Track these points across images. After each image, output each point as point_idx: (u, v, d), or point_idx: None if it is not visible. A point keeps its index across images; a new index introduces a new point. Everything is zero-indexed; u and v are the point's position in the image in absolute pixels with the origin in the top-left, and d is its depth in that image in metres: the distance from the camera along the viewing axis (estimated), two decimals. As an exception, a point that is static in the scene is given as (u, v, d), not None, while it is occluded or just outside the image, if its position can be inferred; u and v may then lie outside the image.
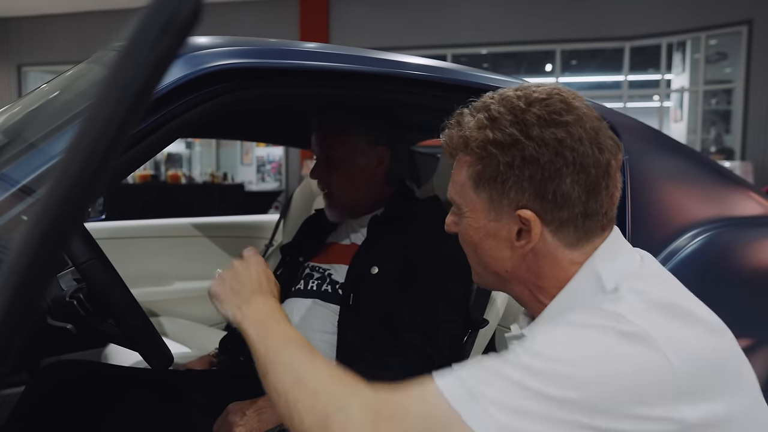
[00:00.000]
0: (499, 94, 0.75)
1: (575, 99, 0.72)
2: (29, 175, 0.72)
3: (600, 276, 0.71)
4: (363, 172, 1.36)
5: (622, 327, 0.61)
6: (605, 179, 0.71)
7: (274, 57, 0.94)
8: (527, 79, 5.00)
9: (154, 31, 0.26)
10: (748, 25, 7.92)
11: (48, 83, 1.21)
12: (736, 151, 8.20)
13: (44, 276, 0.28)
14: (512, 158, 0.70)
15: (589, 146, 0.69)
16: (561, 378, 0.58)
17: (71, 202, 0.26)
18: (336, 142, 1.35)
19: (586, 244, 0.73)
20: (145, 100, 0.27)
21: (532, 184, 0.70)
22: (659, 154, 1.37)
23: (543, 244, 0.72)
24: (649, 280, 0.70)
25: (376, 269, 1.26)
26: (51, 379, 1.24)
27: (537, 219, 0.71)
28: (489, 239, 0.75)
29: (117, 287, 0.97)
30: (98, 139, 0.26)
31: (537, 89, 0.74)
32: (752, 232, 1.50)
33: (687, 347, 0.62)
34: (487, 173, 0.72)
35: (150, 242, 2.19)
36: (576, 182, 0.69)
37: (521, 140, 0.69)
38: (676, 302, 0.67)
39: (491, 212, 0.73)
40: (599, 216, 0.72)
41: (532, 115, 0.70)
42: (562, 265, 0.73)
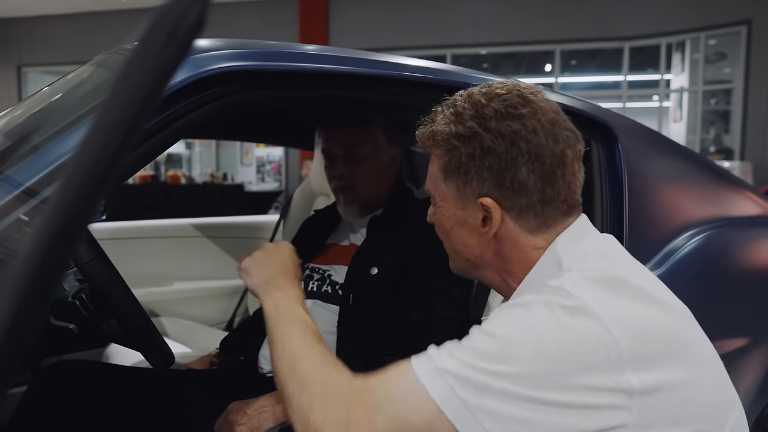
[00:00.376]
0: (467, 92, 0.80)
1: (533, 94, 0.77)
2: (33, 177, 0.72)
3: (560, 258, 0.75)
4: (383, 169, 1.37)
5: (563, 301, 0.65)
6: (560, 168, 0.75)
7: (274, 59, 0.95)
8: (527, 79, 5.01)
9: (160, 39, 0.27)
10: (747, 25, 7.93)
11: (49, 86, 1.22)
12: (736, 151, 8.20)
13: (54, 274, 0.29)
14: (473, 149, 0.75)
15: (544, 137, 0.74)
16: (505, 355, 0.63)
17: (82, 200, 0.27)
18: (360, 137, 1.34)
19: (548, 230, 0.77)
20: (152, 105, 0.28)
21: (491, 173, 0.75)
22: (656, 155, 1.38)
23: (506, 231, 0.77)
24: (601, 261, 0.74)
25: (376, 269, 1.26)
26: (53, 379, 1.25)
27: (497, 206, 0.76)
28: (458, 227, 0.81)
29: (119, 287, 0.98)
30: (108, 139, 0.27)
31: (499, 86, 0.79)
32: (749, 232, 1.51)
33: (628, 318, 0.65)
34: (452, 164, 0.78)
35: (150, 243, 2.20)
36: (531, 171, 0.74)
37: (480, 132, 0.75)
38: (619, 276, 0.70)
39: (459, 201, 0.79)
40: (558, 203, 0.76)
41: (490, 109, 0.75)
42: (526, 250, 0.78)
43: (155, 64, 0.28)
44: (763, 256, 1.51)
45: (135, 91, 0.27)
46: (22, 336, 0.30)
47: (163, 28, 0.28)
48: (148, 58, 0.28)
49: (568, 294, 0.65)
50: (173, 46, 0.28)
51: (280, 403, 1.06)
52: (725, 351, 1.29)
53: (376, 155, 1.35)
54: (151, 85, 0.27)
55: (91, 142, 0.28)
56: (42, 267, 0.28)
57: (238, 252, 2.33)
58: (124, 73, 0.28)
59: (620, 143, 1.25)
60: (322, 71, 0.98)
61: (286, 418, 1.02)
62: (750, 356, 1.37)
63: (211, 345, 1.61)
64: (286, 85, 0.95)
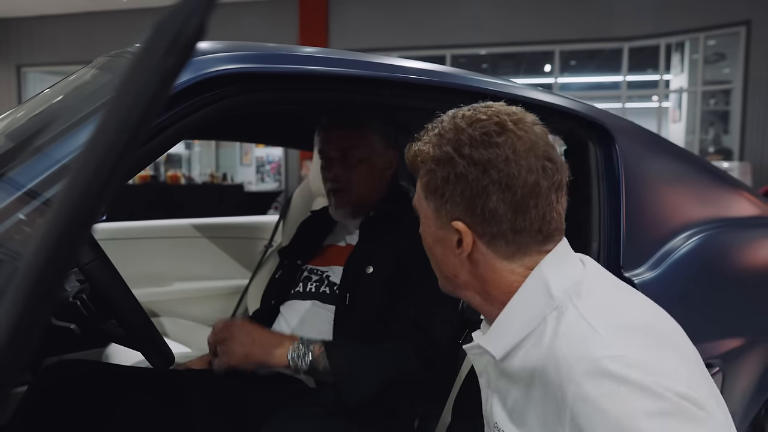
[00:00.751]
0: (454, 112, 0.81)
1: (514, 122, 0.76)
2: (35, 179, 0.73)
3: (548, 282, 0.75)
4: (378, 173, 1.38)
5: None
6: (533, 198, 0.74)
7: (274, 62, 0.95)
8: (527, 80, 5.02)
9: (163, 44, 0.28)
10: (746, 25, 7.94)
11: (51, 87, 1.23)
12: (735, 152, 8.21)
13: (61, 273, 0.30)
14: (447, 174, 0.76)
15: (516, 167, 0.74)
16: None
17: (89, 198, 0.28)
18: (356, 141, 1.35)
19: (524, 257, 0.77)
20: (156, 108, 0.29)
21: (462, 199, 0.75)
22: (653, 156, 1.38)
23: (480, 255, 0.78)
24: (593, 291, 0.75)
25: (372, 268, 1.27)
26: (53, 379, 1.25)
27: (468, 231, 0.76)
28: (438, 245, 0.81)
29: (119, 288, 0.98)
30: (114, 140, 0.28)
31: (483, 110, 0.79)
32: (746, 232, 1.52)
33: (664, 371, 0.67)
34: (431, 186, 0.79)
35: (150, 243, 2.21)
36: (502, 200, 0.74)
37: (454, 158, 0.75)
38: (639, 324, 0.72)
39: (437, 221, 0.80)
40: (531, 232, 0.76)
41: (466, 135, 0.76)
42: (503, 274, 0.78)
43: (158, 69, 0.28)
44: (760, 257, 1.52)
45: (139, 94, 0.28)
46: (27, 336, 0.31)
47: (166, 33, 0.29)
48: (151, 62, 0.29)
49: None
50: (176, 51, 0.29)
51: (279, 350, 1.16)
52: (722, 351, 1.30)
53: (372, 159, 1.36)
54: (155, 89, 0.28)
55: (97, 143, 0.28)
56: (48, 266, 0.29)
57: (238, 252, 2.35)
58: (128, 76, 0.29)
59: (617, 144, 1.25)
60: (321, 74, 0.99)
61: (274, 366, 1.16)
62: (746, 356, 1.37)
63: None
64: (285, 87, 0.96)
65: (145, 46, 0.29)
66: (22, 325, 0.31)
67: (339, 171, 1.36)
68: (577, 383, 0.68)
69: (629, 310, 0.75)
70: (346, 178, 1.36)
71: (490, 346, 0.79)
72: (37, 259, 0.30)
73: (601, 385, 0.66)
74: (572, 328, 0.71)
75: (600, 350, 0.68)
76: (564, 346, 0.70)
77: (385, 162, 1.39)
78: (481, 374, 0.87)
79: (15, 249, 0.73)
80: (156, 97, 0.29)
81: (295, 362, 1.15)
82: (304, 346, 1.15)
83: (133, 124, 0.28)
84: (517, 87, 1.26)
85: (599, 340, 0.68)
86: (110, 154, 0.29)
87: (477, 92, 1.15)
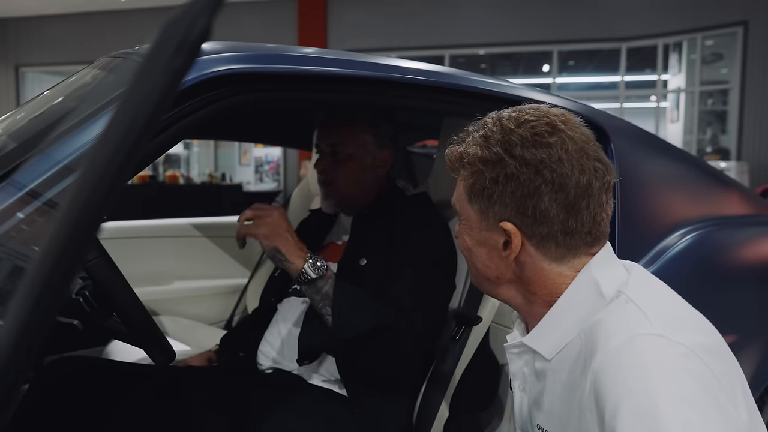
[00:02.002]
0: (498, 114, 0.80)
1: (563, 122, 0.76)
2: (38, 178, 0.74)
3: (598, 282, 0.75)
4: (367, 171, 1.39)
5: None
6: (585, 199, 0.74)
7: (274, 62, 0.96)
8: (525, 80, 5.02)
9: (169, 48, 0.30)
10: (743, 26, 7.97)
11: (51, 89, 1.24)
12: (732, 152, 8.24)
13: (72, 269, 0.31)
14: (497, 174, 0.75)
15: (569, 167, 0.73)
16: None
17: (98, 196, 0.29)
18: (346, 138, 1.38)
19: (573, 260, 0.76)
20: (162, 109, 0.30)
21: (513, 199, 0.74)
22: (648, 155, 1.40)
23: (528, 257, 0.77)
24: (643, 289, 0.75)
25: (365, 260, 1.30)
26: (55, 375, 1.26)
27: (518, 232, 0.75)
28: (481, 247, 0.80)
29: (121, 285, 1.00)
30: (124, 138, 0.30)
31: (530, 111, 0.78)
32: (740, 231, 1.53)
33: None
34: (477, 187, 0.77)
35: (150, 242, 2.22)
36: (554, 200, 0.73)
37: (505, 158, 0.74)
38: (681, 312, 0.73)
39: (482, 222, 0.79)
40: (581, 234, 0.75)
41: (517, 135, 0.75)
42: (550, 276, 0.77)
43: (166, 70, 0.30)
44: (754, 255, 1.53)
45: (148, 94, 0.29)
46: (37, 333, 0.32)
47: (174, 35, 0.30)
48: (159, 63, 0.30)
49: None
50: (183, 52, 0.30)
51: (300, 251, 1.19)
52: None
53: (360, 156, 1.38)
54: (163, 89, 0.30)
55: (106, 144, 0.30)
56: (58, 263, 0.30)
57: (238, 251, 2.35)
58: (137, 77, 0.30)
59: (612, 144, 1.27)
60: (320, 74, 1.00)
61: (291, 262, 1.17)
62: (740, 354, 1.39)
63: (210, 343, 1.63)
64: (285, 87, 0.97)
65: (153, 48, 0.31)
66: (33, 323, 0.32)
67: (326, 165, 1.40)
68: (606, 351, 0.66)
69: (681, 307, 0.75)
70: (333, 172, 1.39)
71: (537, 345, 0.78)
72: (47, 256, 0.31)
73: (629, 349, 0.65)
74: (619, 310, 0.70)
75: (643, 328, 0.67)
76: (607, 327, 0.70)
77: (377, 161, 1.40)
78: (516, 376, 0.85)
79: (17, 249, 0.74)
80: (164, 98, 0.30)
81: (305, 272, 1.17)
82: (322, 262, 1.18)
83: (141, 124, 0.30)
84: (514, 87, 1.27)
85: (646, 321, 0.67)
86: (118, 154, 0.31)
87: (475, 92, 1.17)
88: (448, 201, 1.49)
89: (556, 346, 0.76)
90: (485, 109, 0.84)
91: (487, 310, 1.25)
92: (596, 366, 0.66)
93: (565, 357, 0.75)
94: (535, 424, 0.81)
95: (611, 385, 0.64)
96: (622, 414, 0.62)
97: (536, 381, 0.81)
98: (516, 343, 0.82)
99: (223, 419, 1.20)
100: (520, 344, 0.81)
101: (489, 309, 1.26)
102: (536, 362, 0.80)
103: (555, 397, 0.77)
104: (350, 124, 1.38)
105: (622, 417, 0.61)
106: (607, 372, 0.65)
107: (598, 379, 0.66)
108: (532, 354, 0.80)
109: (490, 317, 1.27)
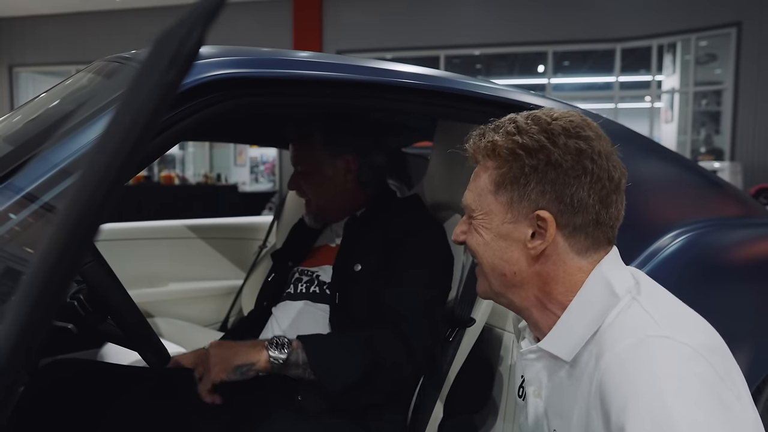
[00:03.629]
0: (526, 113, 0.81)
1: (592, 122, 0.80)
2: (35, 182, 0.74)
3: (610, 282, 0.76)
4: (330, 181, 1.39)
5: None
6: (616, 194, 0.78)
7: (268, 66, 0.97)
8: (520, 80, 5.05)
9: (164, 59, 0.30)
10: (737, 27, 8.01)
11: (47, 92, 1.24)
12: (726, 152, 8.28)
13: (70, 274, 0.32)
14: (537, 161, 0.76)
15: (606, 161, 0.76)
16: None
17: (94, 204, 0.30)
18: (301, 155, 1.41)
19: (594, 254, 0.78)
20: (157, 119, 0.31)
21: (553, 187, 0.75)
22: (641, 157, 1.41)
23: (554, 248, 0.77)
24: (652, 292, 0.78)
25: (360, 266, 1.30)
26: (49, 378, 1.26)
27: (553, 221, 0.76)
28: (500, 240, 0.79)
29: (115, 288, 1.00)
30: (118, 150, 0.30)
31: (558, 110, 0.81)
32: (732, 232, 1.55)
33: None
34: (511, 175, 0.77)
35: (144, 244, 2.21)
36: (592, 191, 0.75)
37: (547, 146, 0.76)
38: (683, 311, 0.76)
39: (508, 214, 0.79)
40: (607, 227, 0.78)
41: (557, 126, 0.77)
42: (571, 271, 0.78)
43: (160, 83, 0.30)
44: (746, 256, 1.54)
45: (141, 107, 0.30)
46: (35, 336, 0.33)
47: (167, 48, 0.31)
48: (153, 77, 0.30)
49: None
50: (177, 65, 0.31)
51: (257, 346, 1.16)
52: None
53: (319, 170, 1.39)
54: (156, 102, 0.30)
55: (100, 156, 0.30)
56: (56, 268, 0.31)
57: (233, 253, 2.36)
58: (130, 91, 0.31)
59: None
60: (314, 78, 1.01)
61: (257, 360, 1.13)
62: (735, 352, 1.40)
63: (205, 345, 1.63)
64: (278, 91, 0.97)
65: (146, 61, 0.31)
66: (31, 326, 0.33)
67: (295, 183, 1.43)
68: (614, 352, 0.68)
69: (682, 308, 0.76)
70: (302, 189, 1.43)
71: (555, 349, 0.78)
72: (45, 261, 0.32)
73: (637, 351, 0.67)
74: (629, 315, 0.72)
75: (650, 330, 0.68)
76: (616, 329, 0.71)
77: (337, 169, 1.39)
78: (531, 382, 0.85)
79: (13, 252, 0.74)
80: (157, 110, 0.31)
81: (274, 358, 1.14)
82: (280, 339, 1.16)
83: (135, 137, 0.30)
84: (507, 90, 1.28)
85: (653, 323, 0.69)
86: (111, 168, 0.31)
87: (468, 95, 1.17)
88: (444, 202, 1.50)
89: (574, 348, 0.76)
90: (479, 112, 0.85)
91: (480, 312, 1.26)
92: (603, 365, 0.68)
93: (579, 358, 0.76)
94: (552, 429, 0.82)
95: (617, 385, 0.66)
96: (631, 411, 0.63)
97: (553, 385, 0.81)
98: (533, 348, 0.82)
99: (218, 422, 1.20)
100: (537, 349, 0.80)
101: (483, 310, 1.26)
102: (554, 366, 0.80)
103: (571, 399, 0.77)
104: (302, 140, 1.40)
105: (631, 413, 0.63)
106: (613, 373, 0.67)
107: (604, 379, 0.67)
108: (549, 358, 0.80)
109: (483, 319, 1.27)
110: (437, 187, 1.51)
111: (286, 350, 1.14)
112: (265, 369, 1.15)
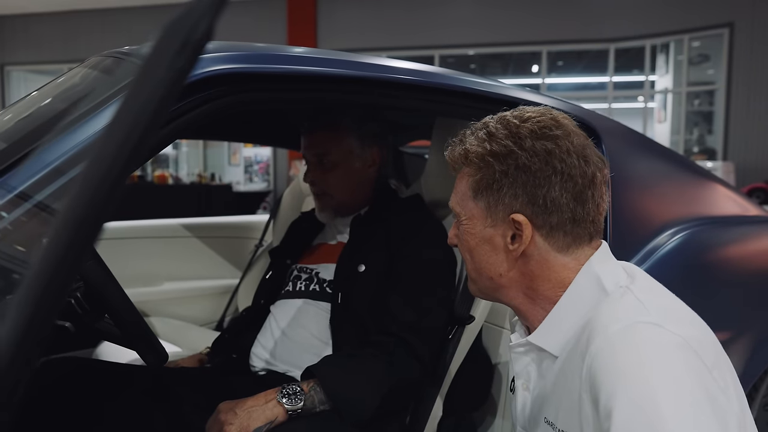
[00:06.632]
0: (498, 115, 0.83)
1: (564, 118, 0.81)
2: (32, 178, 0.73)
3: (599, 277, 0.77)
4: (357, 173, 1.38)
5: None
6: (591, 189, 0.78)
7: (268, 62, 0.96)
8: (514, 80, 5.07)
9: (172, 48, 0.29)
10: (729, 27, 8.06)
11: (41, 88, 1.22)
12: (719, 152, 8.33)
13: (72, 272, 0.31)
14: (507, 167, 0.77)
15: (576, 158, 0.77)
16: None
17: (100, 199, 0.29)
18: (329, 145, 1.36)
19: (576, 250, 0.79)
20: (165, 109, 0.30)
21: (524, 190, 0.77)
22: (639, 155, 1.41)
23: (535, 248, 0.78)
24: (645, 285, 0.77)
25: (363, 267, 1.29)
26: (47, 376, 1.25)
27: (528, 223, 0.77)
28: (485, 244, 0.81)
29: (113, 286, 0.99)
30: (126, 140, 0.29)
31: (531, 109, 0.82)
32: (729, 230, 1.55)
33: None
34: (484, 181, 0.79)
35: (140, 243, 2.20)
36: (564, 189, 0.76)
37: (515, 150, 0.77)
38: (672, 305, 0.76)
39: (488, 219, 0.80)
40: (586, 223, 0.78)
41: (524, 129, 0.78)
42: (555, 268, 0.79)
43: (169, 69, 0.30)
44: (742, 254, 1.55)
45: (150, 94, 0.29)
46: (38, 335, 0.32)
47: (176, 35, 0.30)
48: (162, 63, 0.30)
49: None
50: (186, 52, 0.30)
51: (270, 402, 1.07)
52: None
53: (348, 161, 1.36)
54: (165, 89, 0.29)
55: (108, 146, 0.30)
56: (59, 267, 0.30)
57: (229, 252, 2.35)
58: (140, 77, 0.30)
59: (604, 144, 1.28)
60: (312, 74, 1.00)
61: (275, 417, 1.05)
62: (730, 351, 1.40)
63: (201, 344, 1.63)
64: (276, 87, 0.97)
65: (155, 47, 0.31)
66: (34, 325, 0.32)
67: (316, 175, 1.37)
68: (605, 335, 0.68)
69: (677, 303, 0.77)
70: (323, 182, 1.37)
71: (544, 343, 0.79)
72: (47, 261, 0.31)
73: (626, 334, 0.67)
74: (621, 303, 0.72)
75: (641, 316, 0.69)
76: (605, 314, 0.71)
77: (365, 161, 1.38)
78: (519, 375, 0.86)
79: (5, 250, 0.73)
80: (166, 97, 0.30)
81: (292, 410, 1.07)
82: (290, 387, 1.10)
83: (144, 124, 0.30)
84: (506, 87, 1.28)
85: (644, 310, 0.70)
86: (119, 158, 0.31)
87: (466, 92, 1.17)
88: (441, 201, 1.50)
89: (562, 342, 0.77)
90: (477, 108, 0.85)
91: (479, 310, 1.26)
92: (593, 350, 0.69)
93: (568, 349, 0.76)
94: (542, 417, 0.82)
95: (607, 370, 0.66)
96: (618, 396, 0.64)
97: (542, 377, 0.82)
98: (522, 341, 0.83)
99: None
100: (526, 343, 0.82)
101: (482, 308, 1.26)
102: (542, 359, 0.81)
103: (561, 388, 0.78)
104: (332, 129, 1.35)
105: (619, 399, 0.63)
106: (603, 356, 0.67)
107: (594, 363, 0.68)
108: (538, 351, 0.81)
109: (483, 317, 1.27)
110: (435, 185, 1.51)
111: (300, 398, 1.08)
112: (284, 417, 1.08)
